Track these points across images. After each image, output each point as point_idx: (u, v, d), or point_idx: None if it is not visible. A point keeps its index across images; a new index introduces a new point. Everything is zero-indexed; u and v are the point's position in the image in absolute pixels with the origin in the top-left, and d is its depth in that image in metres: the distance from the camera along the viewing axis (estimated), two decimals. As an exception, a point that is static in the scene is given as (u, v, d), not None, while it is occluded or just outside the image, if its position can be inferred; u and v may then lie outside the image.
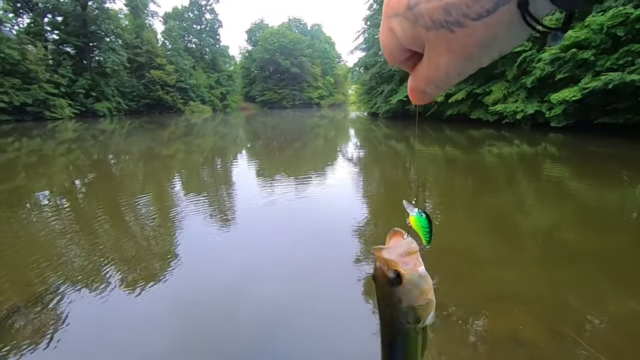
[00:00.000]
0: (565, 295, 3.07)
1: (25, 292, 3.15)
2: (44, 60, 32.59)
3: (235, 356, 2.44)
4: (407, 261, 0.51)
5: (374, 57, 29.12)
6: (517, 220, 5.14)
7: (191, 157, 12.31)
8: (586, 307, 2.89)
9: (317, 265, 3.73)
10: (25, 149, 13.98)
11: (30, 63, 29.24)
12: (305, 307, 2.99)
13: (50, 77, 31.44)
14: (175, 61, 47.39)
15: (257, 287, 3.32)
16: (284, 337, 2.63)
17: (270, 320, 2.81)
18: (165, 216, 5.57)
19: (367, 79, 29.36)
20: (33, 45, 31.55)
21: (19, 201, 6.46)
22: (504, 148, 12.16)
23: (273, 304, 3.01)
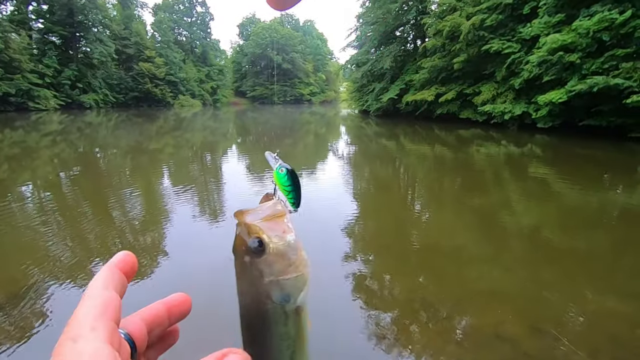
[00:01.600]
0: (547, 292, 3.16)
1: (8, 289, 3.09)
2: (28, 49, 31.68)
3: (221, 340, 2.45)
4: (273, 227, 0.43)
5: (366, 55, 29.17)
6: (503, 219, 5.25)
7: (180, 151, 12.17)
8: (567, 304, 2.98)
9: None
10: (7, 140, 13.62)
11: (14, 52, 28.38)
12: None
13: (34, 67, 30.60)
14: (165, 54, 46.61)
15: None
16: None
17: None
18: (153, 210, 5.52)
19: (359, 76, 29.41)
20: (17, 33, 30.62)
21: (1, 194, 6.30)
22: (491, 148, 12.36)
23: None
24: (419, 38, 26.37)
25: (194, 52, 58.02)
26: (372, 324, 2.70)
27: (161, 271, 3.51)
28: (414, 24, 25.66)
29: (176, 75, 47.63)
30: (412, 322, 2.74)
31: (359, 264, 3.72)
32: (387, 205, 6.12)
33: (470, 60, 18.04)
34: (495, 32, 16.97)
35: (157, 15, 52.03)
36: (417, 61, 22.80)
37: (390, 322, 2.72)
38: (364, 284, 3.32)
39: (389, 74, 25.66)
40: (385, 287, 3.30)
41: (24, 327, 2.57)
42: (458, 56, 18.32)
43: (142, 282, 3.28)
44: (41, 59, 32.71)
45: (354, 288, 3.23)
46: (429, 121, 21.26)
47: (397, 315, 2.80)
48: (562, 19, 13.62)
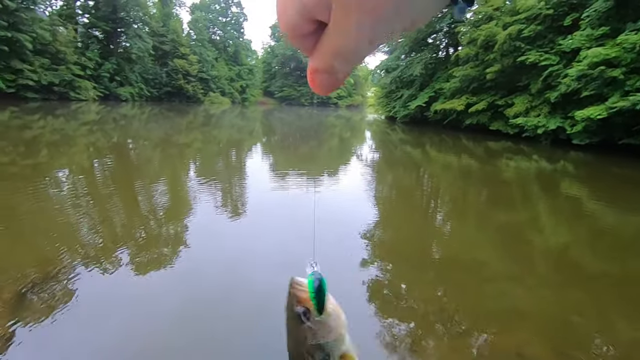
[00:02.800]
0: (574, 316, 3.00)
1: (43, 268, 3.26)
2: (73, 42, 33.48)
3: (230, 333, 2.48)
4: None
5: (396, 61, 28.92)
6: (530, 237, 5.05)
7: (207, 146, 12.48)
8: (596, 331, 2.82)
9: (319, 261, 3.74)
10: (49, 127, 14.41)
11: (60, 44, 30.07)
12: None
13: (77, 59, 32.28)
14: (199, 52, 48.01)
15: (256, 273, 3.35)
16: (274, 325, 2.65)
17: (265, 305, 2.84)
18: (177, 201, 5.68)
19: (388, 82, 29.17)
20: (64, 27, 32.44)
21: (40, 177, 6.68)
22: (521, 162, 11.93)
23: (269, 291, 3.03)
24: (451, 46, 25.88)
25: (227, 51, 59.44)
26: (386, 333, 2.66)
27: (180, 260, 3.60)
28: (447, 32, 25.21)
29: (208, 72, 48.94)
30: (427, 334, 2.68)
31: (376, 270, 3.67)
32: (408, 214, 6.02)
33: (504, 70, 17.51)
34: (532, 43, 16.40)
35: (194, 14, 53.73)
36: (449, 69, 22.37)
37: (405, 333, 2.67)
38: (380, 291, 3.28)
39: (419, 81, 25.31)
40: (401, 296, 3.25)
41: (52, 305, 2.71)
42: (492, 66, 17.83)
43: (163, 270, 3.38)
44: (84, 51, 34.47)
45: (370, 294, 3.19)
46: (456, 131, 20.79)
47: (412, 326, 2.75)
48: (607, 32, 12.99)
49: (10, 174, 6.82)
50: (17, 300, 2.71)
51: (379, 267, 3.77)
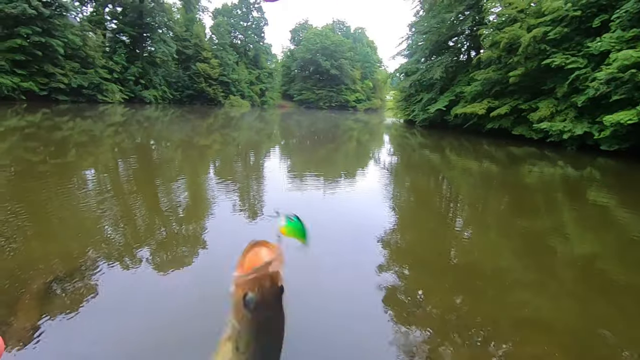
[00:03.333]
0: (600, 330, 2.88)
1: (66, 263, 3.39)
2: (102, 47, 34.81)
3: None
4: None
5: (416, 64, 28.66)
6: (554, 245, 4.87)
7: (227, 148, 12.69)
8: (621, 346, 2.69)
9: (334, 263, 3.73)
10: (77, 128, 15.01)
11: (90, 49, 31.32)
12: (318, 301, 3.01)
13: (105, 63, 33.53)
14: (220, 55, 48.96)
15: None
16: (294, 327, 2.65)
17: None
18: (196, 200, 5.79)
19: (407, 85, 28.92)
20: (93, 32, 33.80)
21: (68, 176, 6.96)
22: (545, 168, 11.56)
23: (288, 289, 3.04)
24: (473, 49, 25.44)
25: (247, 55, 60.38)
26: (402, 339, 2.62)
27: (198, 256, 3.66)
28: (469, 35, 24.80)
29: (229, 76, 49.83)
30: (444, 342, 2.62)
31: (392, 275, 3.63)
32: (425, 218, 5.93)
33: (529, 74, 17.04)
34: (558, 46, 15.91)
35: (216, 19, 54.88)
36: (470, 73, 21.96)
37: (421, 340, 2.62)
38: (396, 297, 3.23)
39: (439, 85, 24.97)
40: (417, 302, 3.19)
41: (77, 298, 2.81)
42: (515, 69, 17.38)
43: (181, 266, 3.45)
44: (112, 56, 35.76)
45: (385, 299, 3.15)
46: (477, 135, 20.36)
47: (428, 334, 2.70)
48: (638, 34, 12.46)
49: (41, 172, 7.14)
50: (44, 293, 2.83)
51: (395, 272, 3.72)
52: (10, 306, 2.64)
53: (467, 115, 20.71)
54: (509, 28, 17.75)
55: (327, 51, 66.12)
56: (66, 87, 28.65)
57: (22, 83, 25.48)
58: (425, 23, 26.45)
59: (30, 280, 3.01)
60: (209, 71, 46.00)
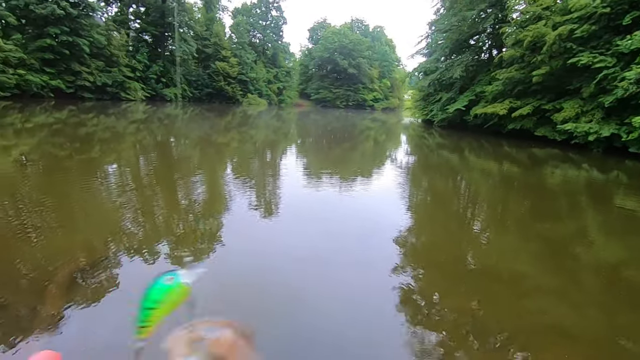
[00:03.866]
0: (623, 341, 2.77)
1: (89, 255, 3.51)
2: (125, 46, 35.77)
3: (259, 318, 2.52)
4: None
5: (435, 63, 28.19)
6: (576, 251, 4.72)
7: (244, 146, 12.84)
8: (648, 357, 2.59)
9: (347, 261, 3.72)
10: (101, 125, 15.49)
11: (114, 48, 32.23)
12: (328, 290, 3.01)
13: (128, 62, 34.43)
14: (239, 54, 49.50)
15: (282, 263, 3.39)
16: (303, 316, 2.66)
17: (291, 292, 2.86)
18: (213, 196, 5.89)
19: (426, 85, 28.49)
20: (118, 32, 34.76)
21: (92, 171, 7.20)
22: (569, 171, 11.19)
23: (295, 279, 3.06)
24: (495, 48, 24.80)
25: (265, 54, 60.82)
26: (416, 341, 2.60)
27: (214, 250, 3.73)
28: (491, 33, 24.20)
29: (247, 74, 50.33)
30: (459, 346, 2.58)
31: (407, 277, 3.60)
32: (442, 220, 5.84)
33: (553, 73, 16.50)
34: (585, 44, 15.32)
35: (235, 18, 55.51)
36: (491, 72, 21.44)
37: (436, 343, 2.59)
38: (411, 299, 3.20)
39: (458, 84, 24.49)
40: (433, 305, 3.15)
41: (97, 290, 2.91)
42: (539, 69, 16.86)
43: (198, 259, 3.51)
44: (134, 54, 36.68)
45: (400, 301, 3.13)
46: (498, 136, 19.88)
47: (443, 337, 2.66)
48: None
49: (67, 167, 7.41)
50: (68, 283, 2.94)
51: (410, 273, 3.68)
52: (38, 294, 2.76)
53: (488, 115, 20.24)
54: (533, 26, 17.23)
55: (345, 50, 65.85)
56: (91, 85, 29.58)
57: (51, 81, 26.46)
58: (446, 21, 25.96)
59: (56, 270, 3.13)
60: (227, 70, 46.59)
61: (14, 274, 3.05)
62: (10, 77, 23.25)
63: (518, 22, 19.73)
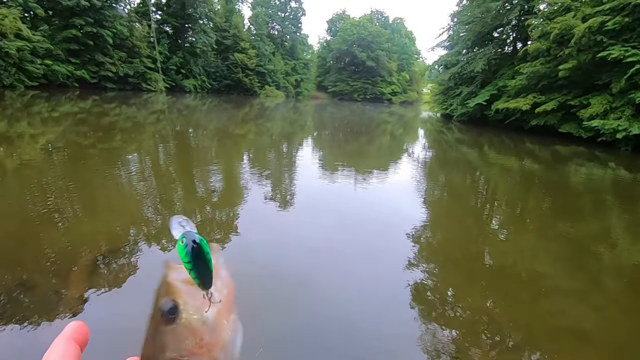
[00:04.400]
0: (648, 346, 2.68)
1: (111, 241, 3.63)
2: (147, 37, 36.36)
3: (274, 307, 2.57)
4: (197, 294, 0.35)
5: (456, 56, 27.53)
6: (599, 252, 4.56)
7: (260, 138, 12.92)
8: (673, 365, 2.50)
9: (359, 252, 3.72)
10: (123, 115, 15.88)
11: (136, 39, 32.84)
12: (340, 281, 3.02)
13: (150, 53, 35.04)
14: (258, 46, 49.62)
15: (297, 253, 3.42)
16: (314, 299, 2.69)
17: (304, 282, 2.89)
18: (229, 186, 5.97)
19: (446, 78, 27.89)
20: (139, 23, 35.35)
21: (113, 160, 7.41)
22: (594, 170, 10.79)
23: (309, 268, 3.08)
24: (519, 40, 23.99)
25: (284, 46, 60.74)
26: (429, 338, 2.58)
27: (231, 239, 3.79)
28: (516, 25, 23.40)
29: (265, 66, 50.45)
30: (473, 344, 2.55)
31: (421, 273, 3.57)
32: (459, 217, 5.75)
33: (581, 67, 15.84)
34: (617, 37, 14.62)
35: (254, 10, 55.54)
36: (515, 66, 20.77)
37: (449, 340, 2.57)
38: (424, 295, 3.18)
39: (480, 78, 23.86)
40: (447, 302, 3.13)
41: (118, 276, 3.01)
42: (565, 62, 16.22)
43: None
44: (155, 46, 37.29)
45: (413, 297, 3.11)
46: (519, 132, 19.33)
47: (457, 335, 2.64)
48: None
49: (90, 155, 7.65)
50: (91, 268, 3.06)
51: (424, 269, 3.65)
52: (63, 278, 2.88)
53: (510, 110, 19.66)
54: (561, 18, 16.54)
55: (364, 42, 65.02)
56: (114, 75, 30.30)
57: (76, 71, 27.25)
58: (469, 12, 25.23)
59: (80, 255, 3.25)
60: (246, 61, 46.81)
61: (42, 258, 3.19)
62: (38, 67, 24.06)
63: (545, 14, 19.00)
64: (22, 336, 2.25)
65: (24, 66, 23.04)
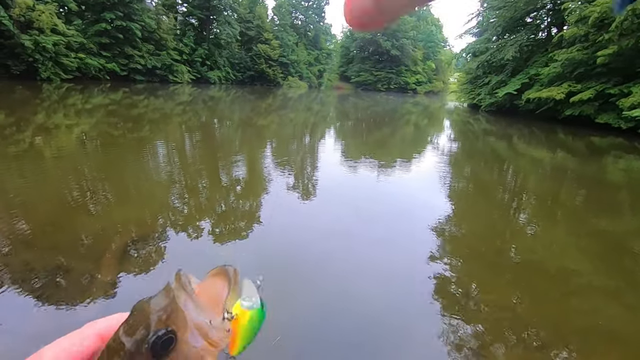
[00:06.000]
0: (688, 350, 2.53)
1: (140, 228, 3.78)
2: (173, 30, 37.11)
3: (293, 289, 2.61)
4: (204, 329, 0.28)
5: (485, 44, 26.45)
6: (636, 249, 4.32)
7: (283, 129, 12.99)
8: None
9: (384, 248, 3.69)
10: (151, 106, 16.36)
11: (163, 32, 33.58)
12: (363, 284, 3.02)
13: (176, 45, 35.77)
14: (281, 36, 49.57)
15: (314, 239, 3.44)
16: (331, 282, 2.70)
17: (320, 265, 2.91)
18: (252, 176, 6.06)
19: (474, 67, 26.90)
20: (166, 16, 36.07)
21: (142, 150, 7.67)
22: (634, 162, 10.17)
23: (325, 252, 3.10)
24: (554, 26, 22.75)
25: (307, 36, 60.36)
26: (451, 333, 2.55)
27: (254, 232, 3.86)
28: (551, 9, 22.16)
29: (288, 57, 50.40)
30: (497, 341, 2.50)
31: (444, 266, 3.51)
32: (485, 210, 5.58)
33: (622, 54, 14.83)
34: (665, 20, 13.57)
35: (278, 0, 55.35)
36: (549, 52, 19.75)
37: (472, 336, 2.52)
38: (448, 289, 3.13)
39: (510, 66, 22.85)
40: (470, 297, 3.06)
41: (147, 261, 3.13)
42: (605, 48, 15.24)
43: (238, 234, 3.67)
44: (181, 38, 37.99)
45: (436, 290, 3.07)
46: (552, 123, 18.45)
47: (481, 330, 2.59)
48: None
49: (121, 145, 7.95)
50: (122, 253, 3.20)
51: (448, 262, 3.59)
52: (96, 262, 3.03)
53: (542, 100, 18.78)
54: (601, 0, 15.51)
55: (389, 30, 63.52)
56: (142, 67, 31.17)
57: (107, 64, 28.23)
58: (501, -4, 24.10)
59: (112, 240, 3.41)
60: (269, 52, 46.93)
61: (77, 243, 3.37)
62: (73, 60, 25.08)
63: (584, -4, 17.85)
64: (59, 315, 2.40)
65: (60, 60, 24.07)
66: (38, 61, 22.49)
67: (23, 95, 15.78)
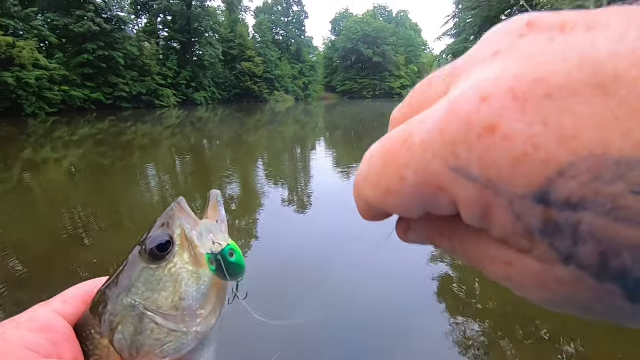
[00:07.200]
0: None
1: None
2: (156, 55, 37.37)
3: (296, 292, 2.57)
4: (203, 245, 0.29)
5: (464, 44, 27.05)
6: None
7: (273, 143, 13.02)
8: None
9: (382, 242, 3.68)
10: (139, 132, 16.32)
11: (146, 58, 33.78)
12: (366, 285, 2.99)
13: (160, 70, 35.96)
14: (264, 53, 50.15)
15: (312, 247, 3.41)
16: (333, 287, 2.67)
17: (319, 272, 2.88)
18: (249, 192, 6.03)
19: (455, 67, 27.41)
20: (148, 42, 36.37)
21: (133, 176, 7.61)
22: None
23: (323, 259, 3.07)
24: (529, 21, 23.36)
25: (289, 50, 61.16)
26: (458, 331, 2.52)
27: (253, 239, 3.82)
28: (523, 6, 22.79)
29: (272, 72, 50.91)
30: (504, 336, 2.48)
31: (446, 266, 3.50)
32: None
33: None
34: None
35: (258, 18, 56.22)
36: (526, 47, 20.19)
37: (479, 333, 2.50)
38: (450, 288, 3.12)
39: (491, 63, 23.34)
40: (474, 294, 3.05)
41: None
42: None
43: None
44: (165, 62, 38.24)
45: (439, 290, 3.06)
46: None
47: (487, 327, 2.57)
48: None
49: (111, 173, 7.88)
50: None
51: (448, 261, 3.58)
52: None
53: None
54: (571, -7, 16.00)
55: (369, 39, 64.69)
56: (128, 95, 31.23)
57: (92, 94, 28.23)
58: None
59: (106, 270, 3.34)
60: (253, 69, 47.38)
61: (70, 278, 3.30)
62: (57, 93, 25.03)
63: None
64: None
65: (44, 94, 24.01)
66: (22, 97, 22.40)
67: (8, 132, 15.65)
